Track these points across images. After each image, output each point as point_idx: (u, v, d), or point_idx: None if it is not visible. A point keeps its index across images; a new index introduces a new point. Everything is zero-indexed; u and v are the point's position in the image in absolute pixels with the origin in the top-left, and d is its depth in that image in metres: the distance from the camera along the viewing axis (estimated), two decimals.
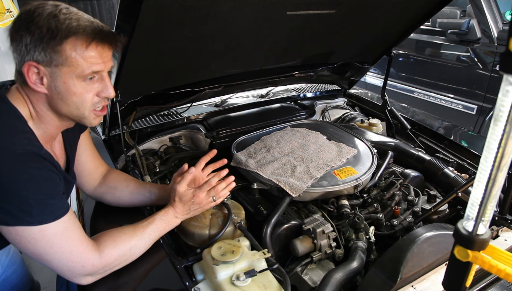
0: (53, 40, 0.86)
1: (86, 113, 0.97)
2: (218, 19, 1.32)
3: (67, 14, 0.89)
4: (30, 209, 0.85)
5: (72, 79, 0.91)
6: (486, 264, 0.55)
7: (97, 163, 1.29)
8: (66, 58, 0.88)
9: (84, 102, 0.95)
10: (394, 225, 1.30)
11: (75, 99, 0.93)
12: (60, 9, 0.89)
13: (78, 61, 0.89)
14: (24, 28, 0.87)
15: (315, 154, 1.54)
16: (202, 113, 2.10)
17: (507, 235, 1.25)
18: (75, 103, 0.94)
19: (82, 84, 0.92)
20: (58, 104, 0.94)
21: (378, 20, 1.79)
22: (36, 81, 0.90)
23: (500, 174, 0.50)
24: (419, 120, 2.08)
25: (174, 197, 1.12)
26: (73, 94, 0.92)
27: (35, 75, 0.89)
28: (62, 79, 0.90)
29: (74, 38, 0.88)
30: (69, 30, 0.87)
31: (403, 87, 4.14)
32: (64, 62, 0.88)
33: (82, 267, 0.93)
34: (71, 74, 0.90)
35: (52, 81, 0.90)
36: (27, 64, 0.88)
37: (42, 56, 0.87)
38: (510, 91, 0.46)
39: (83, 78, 0.92)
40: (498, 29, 3.23)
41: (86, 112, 0.97)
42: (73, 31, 0.87)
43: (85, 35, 0.89)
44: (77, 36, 0.88)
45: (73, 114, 0.97)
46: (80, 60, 0.89)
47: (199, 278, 1.04)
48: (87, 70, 0.91)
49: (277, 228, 1.23)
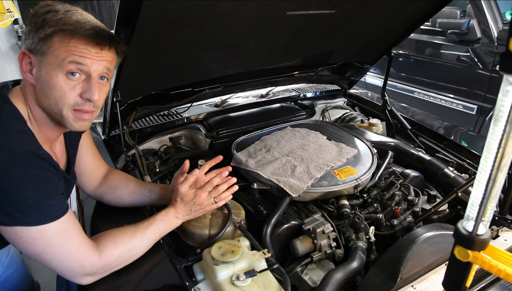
0: (42, 28, 0.89)
1: (64, 111, 0.93)
2: (218, 19, 1.32)
3: (69, 12, 0.91)
4: (29, 209, 0.85)
5: (55, 70, 0.90)
6: (486, 264, 0.55)
7: (98, 163, 1.30)
8: (49, 47, 0.89)
9: (63, 98, 0.92)
10: (394, 225, 1.30)
11: (54, 93, 0.91)
12: (65, 7, 0.92)
13: (60, 50, 0.90)
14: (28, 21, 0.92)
15: (315, 154, 1.54)
16: (202, 113, 2.10)
17: (507, 235, 1.25)
18: (55, 97, 0.92)
19: (63, 78, 0.91)
20: (41, 97, 0.94)
21: (378, 20, 1.79)
22: (27, 69, 0.93)
23: (500, 174, 0.50)
24: (419, 120, 2.08)
25: (175, 197, 1.12)
26: (53, 86, 0.91)
27: (27, 65, 0.93)
28: (46, 69, 0.90)
29: (63, 30, 0.89)
30: (62, 23, 0.89)
31: (403, 87, 4.14)
32: (48, 50, 0.90)
33: (81, 267, 0.93)
34: (54, 65, 0.90)
35: (38, 70, 0.91)
36: (22, 52, 0.92)
37: (32, 44, 0.90)
38: (510, 91, 0.46)
39: (65, 71, 0.90)
40: (498, 29, 3.23)
41: (65, 110, 0.93)
42: (65, 24, 0.89)
43: (75, 28, 0.90)
44: (68, 29, 0.89)
45: (52, 110, 0.94)
46: (63, 49, 0.90)
47: (199, 278, 1.03)
48: (68, 58, 0.89)
49: (277, 228, 1.23)
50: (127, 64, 1.23)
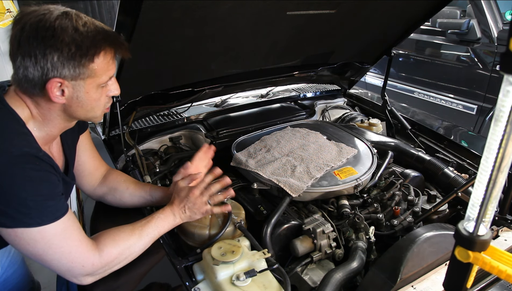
0: (84, 58, 0.88)
1: (99, 113, 1.01)
2: (218, 19, 1.32)
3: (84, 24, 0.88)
4: (29, 210, 0.85)
5: (94, 88, 0.94)
6: (487, 265, 0.55)
7: (98, 163, 1.29)
8: (92, 71, 0.90)
9: (99, 105, 0.99)
10: (394, 225, 1.30)
11: (93, 104, 0.97)
12: (71, 17, 0.87)
13: (100, 71, 0.92)
14: (42, 43, 0.83)
15: (315, 154, 1.54)
16: (202, 113, 2.10)
17: (507, 235, 1.25)
18: (92, 107, 0.97)
19: (99, 90, 0.96)
20: (75, 111, 0.96)
21: (378, 20, 1.79)
22: (57, 94, 0.90)
23: (500, 175, 0.50)
24: (419, 120, 2.08)
25: (173, 192, 1.17)
26: (93, 100, 0.96)
27: (57, 90, 0.89)
28: (85, 89, 0.92)
29: (104, 52, 0.91)
30: (96, 45, 0.89)
31: (403, 87, 4.14)
32: (91, 73, 0.91)
33: (81, 267, 0.93)
34: (94, 84, 0.93)
35: (74, 92, 0.91)
36: (52, 81, 0.87)
37: (71, 72, 0.88)
38: (510, 91, 0.46)
39: (102, 85, 0.96)
40: (498, 29, 3.23)
41: (99, 112, 1.01)
42: (99, 45, 0.89)
43: (107, 44, 0.91)
44: (105, 48, 0.91)
45: (87, 116, 1.00)
46: (101, 70, 0.92)
47: (199, 278, 1.03)
48: (106, 78, 0.95)
49: (277, 228, 1.23)
50: (127, 64, 1.23)
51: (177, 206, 1.12)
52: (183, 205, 1.12)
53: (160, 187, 1.31)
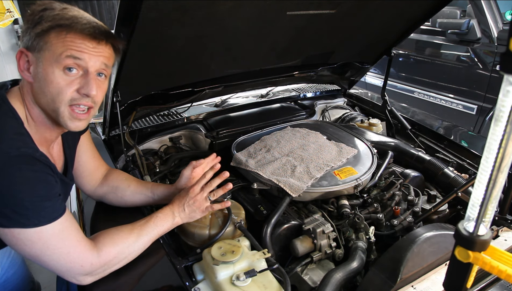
0: (39, 24, 0.89)
1: (61, 108, 0.92)
2: (218, 19, 1.32)
3: (66, 8, 0.92)
4: (26, 211, 0.84)
5: (52, 66, 0.90)
6: (487, 265, 0.55)
7: (98, 164, 1.29)
8: (46, 42, 0.89)
9: (60, 94, 0.91)
10: (394, 225, 1.30)
11: (51, 89, 0.91)
12: (62, 5, 0.93)
13: (57, 45, 0.89)
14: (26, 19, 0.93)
15: (315, 154, 1.54)
16: (202, 113, 2.10)
17: (507, 235, 1.25)
18: (52, 93, 0.91)
19: (60, 73, 0.90)
20: (38, 95, 0.93)
21: (378, 20, 1.79)
22: (25, 68, 0.93)
23: (500, 175, 0.50)
24: (419, 120, 2.08)
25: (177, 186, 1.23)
26: (50, 82, 0.90)
27: (24, 63, 0.92)
28: (43, 65, 0.90)
29: (60, 24, 0.90)
30: (59, 18, 0.90)
31: (403, 87, 4.14)
32: (45, 46, 0.90)
33: (80, 267, 0.93)
34: (51, 60, 0.89)
35: (36, 68, 0.91)
36: (19, 51, 0.92)
37: (30, 41, 0.90)
38: (510, 91, 0.46)
39: (62, 67, 0.90)
40: (498, 29, 3.23)
41: (62, 106, 0.92)
42: (62, 19, 0.90)
43: (72, 22, 0.90)
44: (64, 23, 0.90)
45: (49, 108, 0.93)
46: (59, 44, 0.89)
47: (199, 278, 1.04)
48: (65, 53, 0.89)
49: (277, 228, 1.23)
50: (127, 64, 1.23)
51: (177, 205, 1.12)
52: (183, 203, 1.12)
53: (162, 184, 1.31)
